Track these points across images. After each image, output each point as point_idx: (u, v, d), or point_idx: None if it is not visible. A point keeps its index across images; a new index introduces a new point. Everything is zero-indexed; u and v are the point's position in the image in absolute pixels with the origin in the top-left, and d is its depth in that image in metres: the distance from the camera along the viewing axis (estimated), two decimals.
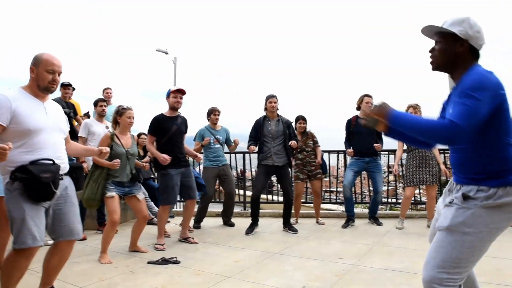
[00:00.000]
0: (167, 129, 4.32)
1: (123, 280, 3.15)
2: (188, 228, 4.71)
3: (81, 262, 3.67)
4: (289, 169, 5.12)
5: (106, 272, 3.34)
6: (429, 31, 1.74)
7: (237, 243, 4.41)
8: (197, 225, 5.35)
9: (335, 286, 2.90)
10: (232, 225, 5.48)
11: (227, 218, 5.57)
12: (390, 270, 3.22)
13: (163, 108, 4.57)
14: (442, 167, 5.05)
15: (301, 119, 5.53)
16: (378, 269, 3.27)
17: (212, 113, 5.49)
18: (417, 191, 6.08)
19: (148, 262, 3.62)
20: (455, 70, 1.69)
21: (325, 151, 6.04)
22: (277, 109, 5.03)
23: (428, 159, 4.97)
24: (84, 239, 4.64)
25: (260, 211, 6.45)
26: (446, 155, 5.71)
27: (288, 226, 4.99)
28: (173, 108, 4.39)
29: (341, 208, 6.66)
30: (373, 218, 5.38)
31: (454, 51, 1.65)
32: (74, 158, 4.51)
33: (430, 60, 1.75)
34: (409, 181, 5.01)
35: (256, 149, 5.03)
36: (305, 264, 3.49)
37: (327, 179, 8.07)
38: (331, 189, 9.28)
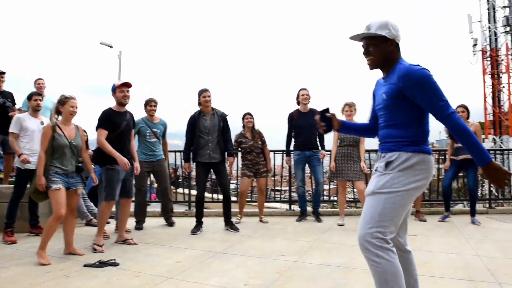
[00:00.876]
0: (118, 124, 4.13)
1: (56, 284, 2.97)
2: (126, 229, 4.55)
3: (10, 267, 3.41)
4: (226, 165, 5.10)
5: (37, 277, 3.12)
6: (359, 37, 1.99)
7: (180, 243, 4.34)
8: (138, 226, 5.14)
9: (276, 282, 2.95)
10: (172, 223, 5.34)
11: (166, 215, 5.41)
12: (329, 266, 3.34)
13: (104, 104, 4.37)
14: (362, 163, 5.33)
15: (247, 115, 5.54)
16: (318, 265, 3.38)
17: (148, 104, 5.28)
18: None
19: (85, 265, 3.44)
20: (386, 66, 1.98)
21: (271, 151, 6.12)
22: (211, 102, 4.94)
23: (352, 156, 5.23)
24: (14, 242, 4.32)
25: (205, 210, 6.41)
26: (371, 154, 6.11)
27: (229, 224, 4.99)
28: (121, 103, 4.21)
29: (285, 206, 6.79)
30: (316, 214, 5.56)
31: (387, 51, 1.93)
32: None
33: (368, 61, 2.00)
34: (337, 175, 5.30)
35: (193, 165, 5.01)
36: (247, 262, 3.51)
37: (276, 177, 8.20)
38: (277, 187, 9.47)
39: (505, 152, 8.25)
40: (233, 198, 5.65)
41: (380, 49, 1.93)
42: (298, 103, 5.49)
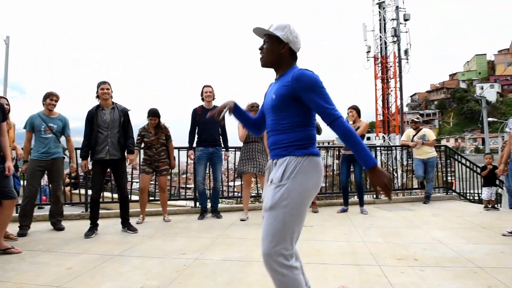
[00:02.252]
0: None
1: None
2: (10, 236, 4.05)
3: None
4: (126, 163, 4.82)
5: None
6: (259, 32, 2.04)
7: (73, 248, 4.00)
8: (21, 232, 4.57)
9: (175, 282, 2.90)
10: (60, 229, 4.87)
11: (54, 219, 4.92)
12: (229, 260, 3.39)
13: None
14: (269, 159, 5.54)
15: (152, 114, 5.29)
16: (218, 261, 3.40)
17: (48, 98, 4.82)
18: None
19: None
20: (278, 68, 2.02)
21: (176, 148, 5.99)
22: (111, 96, 4.66)
23: (257, 151, 5.39)
24: None
25: (105, 211, 6.04)
26: None
27: (127, 225, 4.75)
28: None
29: (190, 204, 6.72)
30: (215, 211, 5.59)
31: (278, 52, 1.97)
32: None
33: (260, 56, 2.05)
34: (243, 170, 5.42)
35: (90, 166, 4.71)
36: (145, 263, 3.38)
37: (184, 175, 8.04)
38: (186, 186, 9.32)
39: (391, 148, 9.26)
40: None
41: (272, 48, 1.97)
42: (203, 99, 5.47)
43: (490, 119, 24.34)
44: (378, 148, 9.09)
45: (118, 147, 4.59)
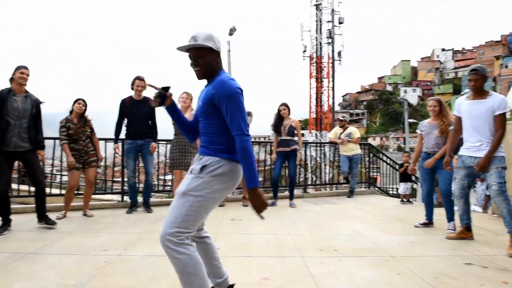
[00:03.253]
0: None
1: None
2: None
3: None
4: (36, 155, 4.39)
5: None
6: (185, 48, 2.01)
7: None
8: None
9: (93, 279, 2.76)
10: None
11: None
12: (154, 256, 3.31)
13: None
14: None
15: (80, 100, 4.95)
16: (142, 256, 3.31)
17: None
18: None
19: None
20: (211, 76, 2.04)
21: (102, 139, 5.69)
22: (25, 84, 4.25)
23: (189, 147, 5.34)
24: None
25: (21, 206, 5.59)
26: None
27: (44, 219, 4.37)
28: None
29: (117, 198, 6.44)
30: (146, 204, 5.44)
31: (213, 62, 2.02)
32: None
33: (196, 72, 2.03)
34: (175, 165, 5.35)
35: None
36: (63, 261, 3.18)
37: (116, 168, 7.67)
38: (114, 179, 8.91)
39: (322, 145, 9.65)
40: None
41: (208, 60, 1.99)
42: (133, 88, 5.25)
43: (410, 120, 26.42)
44: (309, 144, 9.47)
45: (27, 139, 4.19)
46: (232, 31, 13.74)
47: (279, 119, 6.03)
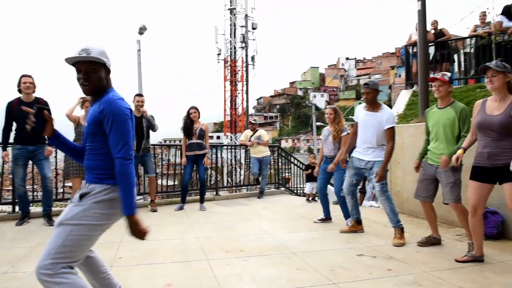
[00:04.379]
0: None
1: None
2: None
3: None
4: None
5: None
6: (76, 59, 1.83)
7: None
8: None
9: None
10: None
11: None
12: None
13: None
14: None
15: None
16: (32, 273, 3.00)
17: None
18: None
19: None
20: (98, 93, 1.90)
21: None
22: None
23: None
24: None
25: None
26: None
27: None
28: None
29: (8, 208, 5.78)
30: (47, 216, 4.97)
31: (104, 78, 1.90)
32: None
33: (85, 86, 1.86)
34: (70, 172, 5.09)
35: None
36: None
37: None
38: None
39: (237, 147, 9.76)
40: None
41: (100, 75, 1.87)
42: (20, 91, 4.71)
43: (318, 123, 28.14)
44: (224, 147, 9.52)
45: None
46: (142, 30, 13.22)
47: (190, 122, 5.96)
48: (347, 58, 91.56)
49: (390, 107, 7.83)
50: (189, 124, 5.96)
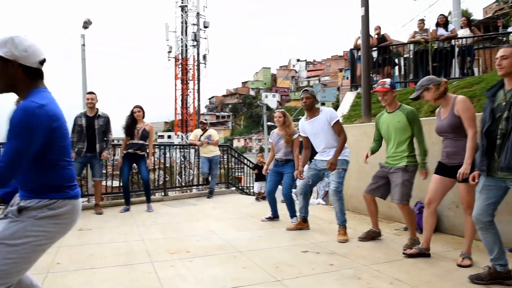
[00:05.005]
0: None
1: None
2: None
3: None
4: None
5: None
6: None
7: None
8: None
9: None
10: None
11: None
12: None
13: None
14: None
15: None
16: None
17: None
18: None
19: None
20: (18, 92, 1.66)
21: None
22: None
23: None
24: None
25: None
26: None
27: None
28: None
29: None
30: None
31: (9, 73, 1.60)
32: None
33: None
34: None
35: None
36: None
37: None
38: None
39: (187, 147, 9.62)
40: None
41: (1, 70, 1.59)
42: None
43: (269, 123, 28.47)
44: (175, 146, 9.36)
45: None
46: (86, 24, 12.61)
47: (132, 121, 5.74)
48: (298, 60, 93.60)
49: (338, 108, 8.13)
50: (131, 123, 5.74)
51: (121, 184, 5.93)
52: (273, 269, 3.13)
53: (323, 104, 54.03)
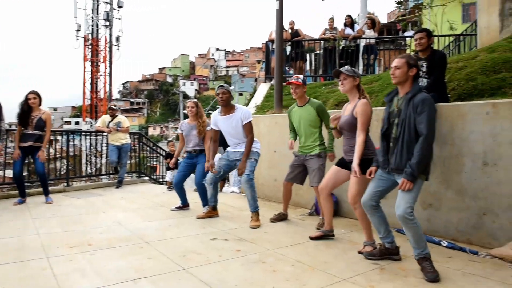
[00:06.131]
0: None
1: None
2: None
3: None
4: None
5: None
6: None
7: None
8: None
9: None
10: None
11: None
12: None
13: None
14: None
15: None
16: None
17: None
18: None
19: None
20: None
21: None
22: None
23: None
24: None
25: None
26: None
27: None
28: None
29: None
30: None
31: None
32: None
33: None
34: None
35: None
36: None
37: None
38: None
39: (95, 134, 8.95)
40: None
41: None
42: None
43: (185, 111, 28.07)
44: (84, 133, 8.62)
45: None
46: None
47: (27, 109, 5.18)
48: (217, 49, 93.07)
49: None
50: (26, 111, 5.18)
51: (13, 176, 5.32)
52: (179, 258, 3.11)
53: (241, 94, 54.67)
